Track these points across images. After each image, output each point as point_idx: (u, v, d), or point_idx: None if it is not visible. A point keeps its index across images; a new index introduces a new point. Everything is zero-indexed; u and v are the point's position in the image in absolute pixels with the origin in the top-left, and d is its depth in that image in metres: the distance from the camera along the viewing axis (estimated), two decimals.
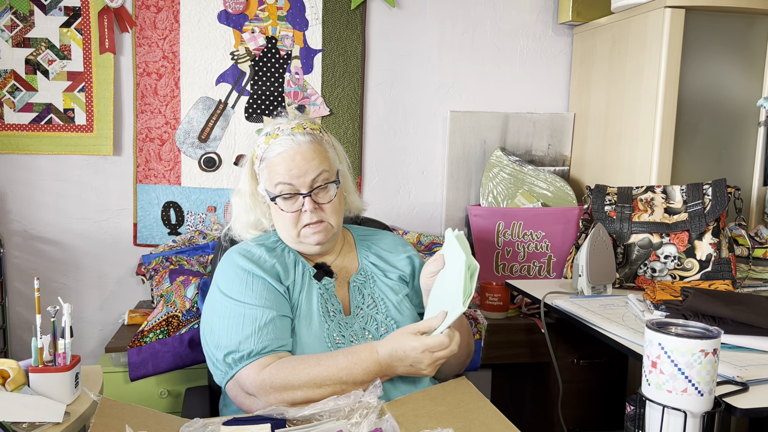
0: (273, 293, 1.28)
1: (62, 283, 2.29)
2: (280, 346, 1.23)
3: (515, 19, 2.46)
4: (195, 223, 2.33)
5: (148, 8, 2.21)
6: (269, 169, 1.32)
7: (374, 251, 1.46)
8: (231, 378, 1.23)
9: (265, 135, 1.36)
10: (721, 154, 2.08)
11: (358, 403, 1.07)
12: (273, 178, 1.31)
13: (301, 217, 1.32)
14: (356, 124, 2.37)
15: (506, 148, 2.46)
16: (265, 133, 1.36)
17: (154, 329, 1.79)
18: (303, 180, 1.30)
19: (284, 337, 1.25)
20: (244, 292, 1.27)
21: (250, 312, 1.24)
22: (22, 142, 2.20)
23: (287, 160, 1.30)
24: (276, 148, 1.31)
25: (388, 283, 1.41)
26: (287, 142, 1.31)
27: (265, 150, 1.33)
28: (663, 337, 0.96)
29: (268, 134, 1.35)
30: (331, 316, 1.31)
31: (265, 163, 1.33)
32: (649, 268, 1.80)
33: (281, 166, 1.30)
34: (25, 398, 1.13)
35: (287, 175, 1.29)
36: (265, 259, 1.33)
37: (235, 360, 1.21)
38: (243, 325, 1.23)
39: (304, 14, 2.30)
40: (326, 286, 1.35)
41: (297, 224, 1.32)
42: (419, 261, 1.47)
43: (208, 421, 1.02)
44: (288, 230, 1.34)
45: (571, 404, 1.96)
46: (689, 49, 1.99)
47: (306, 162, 1.30)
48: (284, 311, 1.28)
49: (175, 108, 2.27)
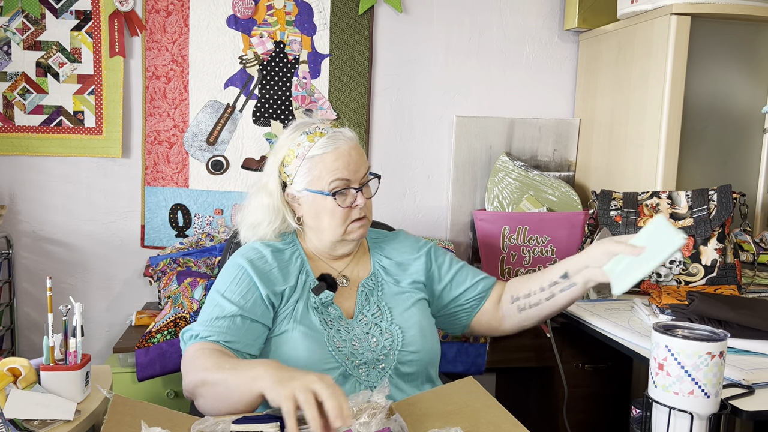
0: (253, 295, 1.29)
1: (70, 284, 2.31)
2: (228, 342, 1.23)
3: (521, 25, 2.48)
4: (202, 225, 2.34)
5: (157, 12, 2.23)
6: (321, 166, 1.31)
7: (387, 254, 1.46)
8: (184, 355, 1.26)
9: (305, 134, 1.34)
10: (726, 160, 2.09)
11: (366, 403, 1.08)
12: (326, 175, 1.31)
13: (351, 213, 1.33)
14: (363, 128, 2.39)
15: (512, 153, 2.47)
16: (304, 132, 1.35)
17: (162, 330, 1.81)
18: (357, 175, 1.33)
19: (237, 336, 1.24)
20: (227, 285, 1.30)
21: (221, 303, 1.27)
22: (32, 143, 2.22)
23: (344, 155, 1.31)
24: (328, 144, 1.31)
25: (398, 291, 1.40)
26: (340, 138, 1.33)
27: (309, 148, 1.32)
28: (670, 339, 0.97)
29: (308, 133, 1.34)
30: (329, 324, 1.31)
31: (312, 162, 1.32)
32: (654, 272, 1.80)
33: (339, 162, 1.31)
34: (36, 396, 1.14)
35: (346, 170, 1.31)
36: (267, 261, 1.33)
37: (187, 338, 1.25)
38: (210, 312, 1.27)
39: (312, 19, 2.32)
40: (322, 300, 1.33)
41: (346, 220, 1.33)
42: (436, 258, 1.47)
43: (219, 418, 1.03)
44: (336, 228, 1.34)
45: (576, 408, 1.97)
46: (695, 56, 2.00)
47: (360, 157, 1.34)
48: (255, 316, 1.27)
49: (184, 111, 2.29)
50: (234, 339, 1.24)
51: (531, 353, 2.03)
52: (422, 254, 1.46)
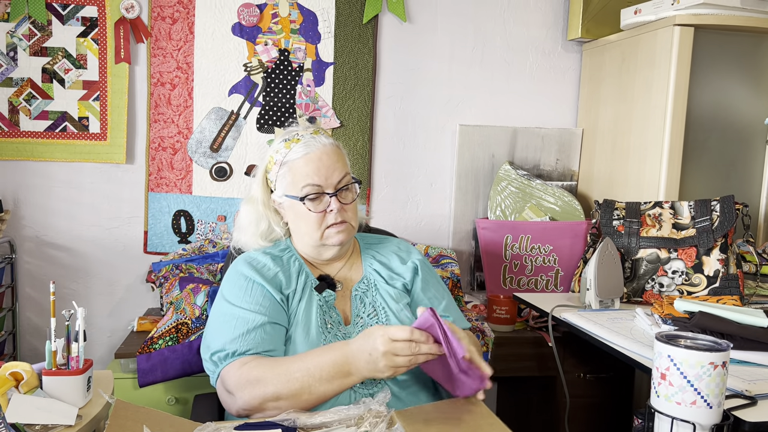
0: (270, 301, 1.30)
1: (72, 289, 2.31)
2: (267, 351, 1.24)
3: (525, 35, 2.49)
4: (205, 231, 2.34)
5: (163, 20, 2.25)
6: (293, 172, 1.34)
7: (379, 259, 1.46)
8: (218, 377, 1.25)
9: (283, 141, 1.38)
10: (729, 171, 2.09)
11: (368, 412, 1.08)
12: (299, 180, 1.33)
13: (326, 218, 1.34)
14: (366, 136, 2.40)
15: (515, 162, 2.47)
16: (283, 139, 1.38)
17: (164, 336, 1.80)
18: (330, 180, 1.33)
19: (273, 342, 1.26)
20: (242, 297, 1.30)
21: (243, 315, 1.27)
22: (36, 149, 2.23)
23: (314, 160, 1.33)
24: (300, 150, 1.34)
25: (391, 291, 1.41)
26: (312, 143, 1.35)
27: (286, 154, 1.35)
28: (672, 349, 0.97)
29: (287, 140, 1.37)
30: (329, 328, 1.32)
31: (287, 167, 1.35)
32: (656, 283, 1.80)
33: (308, 167, 1.33)
34: (38, 401, 1.14)
35: (315, 175, 1.32)
36: (269, 267, 1.35)
37: (220, 358, 1.24)
38: (234, 327, 1.26)
39: (316, 27, 2.34)
40: (326, 299, 1.35)
41: (321, 225, 1.34)
42: (422, 268, 1.46)
43: (220, 425, 1.03)
44: (312, 232, 1.35)
45: (578, 418, 1.96)
46: (698, 67, 2.00)
47: (332, 162, 1.34)
48: (278, 320, 1.29)
49: (188, 118, 2.30)
50: (271, 347, 1.25)
51: (533, 363, 2.03)
52: (410, 265, 1.46)
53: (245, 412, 1.20)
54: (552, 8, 2.49)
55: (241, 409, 1.19)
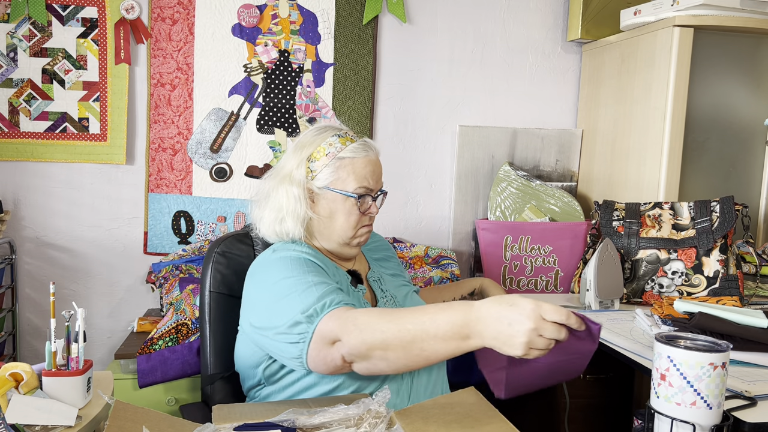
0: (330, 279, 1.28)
1: (72, 290, 2.31)
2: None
3: (525, 36, 2.49)
4: (205, 232, 2.34)
5: (163, 20, 2.25)
6: (350, 170, 1.35)
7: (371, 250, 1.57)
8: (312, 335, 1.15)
9: (337, 135, 1.38)
10: (728, 172, 2.10)
11: (367, 412, 1.08)
12: (356, 179, 1.36)
13: (362, 218, 1.38)
14: (366, 136, 2.39)
15: (514, 162, 2.47)
16: (336, 134, 1.38)
17: (164, 337, 1.81)
18: (377, 185, 1.40)
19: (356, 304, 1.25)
20: (306, 270, 1.25)
21: (316, 280, 1.22)
22: (36, 149, 2.23)
23: (372, 164, 1.39)
24: (359, 150, 1.37)
25: (393, 278, 1.53)
26: (371, 147, 1.40)
27: (341, 149, 1.36)
28: (672, 349, 0.97)
29: (340, 135, 1.38)
30: None
31: (341, 163, 1.35)
32: (656, 283, 1.80)
33: (367, 169, 1.37)
34: (37, 401, 1.14)
35: (371, 178, 1.37)
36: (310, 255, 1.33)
37: (316, 311, 1.16)
38: (315, 289, 1.20)
39: (316, 28, 2.34)
40: (360, 292, 1.39)
41: (357, 224, 1.38)
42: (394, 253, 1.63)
43: (220, 426, 1.03)
44: (348, 229, 1.37)
45: (578, 419, 1.96)
46: (697, 68, 2.01)
47: (380, 170, 1.42)
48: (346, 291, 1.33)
49: (188, 118, 2.30)
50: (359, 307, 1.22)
51: None
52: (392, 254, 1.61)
53: (350, 358, 1.13)
54: (552, 9, 2.49)
55: (347, 354, 1.12)
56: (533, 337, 0.97)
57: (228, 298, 1.48)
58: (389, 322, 1.08)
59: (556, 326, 0.98)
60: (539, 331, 0.97)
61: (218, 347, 1.47)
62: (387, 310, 1.13)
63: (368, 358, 1.11)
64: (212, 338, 1.47)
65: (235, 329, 1.41)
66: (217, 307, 1.48)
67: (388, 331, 1.07)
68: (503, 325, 0.99)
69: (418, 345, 1.06)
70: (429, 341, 1.06)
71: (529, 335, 0.97)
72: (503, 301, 1.01)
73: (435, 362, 1.09)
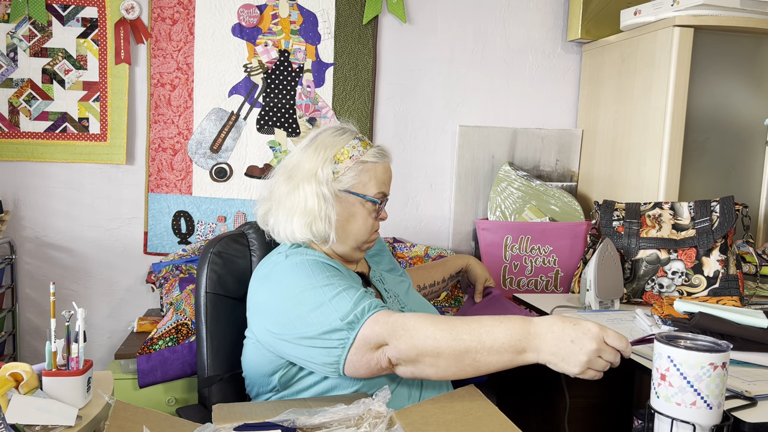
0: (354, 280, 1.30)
1: (72, 290, 2.31)
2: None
3: (525, 36, 2.49)
4: (205, 232, 2.34)
5: (163, 20, 2.25)
6: (371, 174, 1.36)
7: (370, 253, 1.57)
8: (352, 344, 1.14)
9: (358, 139, 1.37)
10: (728, 171, 2.10)
11: (367, 412, 1.08)
12: (376, 184, 1.36)
13: (375, 224, 1.40)
14: (366, 137, 2.39)
15: (514, 163, 2.47)
16: (356, 137, 1.37)
17: (164, 337, 1.81)
18: (389, 191, 1.42)
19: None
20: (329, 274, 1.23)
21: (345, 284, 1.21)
22: (36, 149, 2.23)
23: (388, 170, 1.40)
24: (379, 156, 1.37)
25: (391, 275, 1.53)
26: (387, 154, 1.40)
27: (363, 153, 1.35)
28: (672, 349, 0.97)
29: (360, 139, 1.38)
30: None
31: (363, 167, 1.35)
32: (656, 283, 1.80)
33: (385, 175, 1.38)
34: (37, 401, 1.14)
35: (387, 184, 1.39)
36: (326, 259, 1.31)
37: (356, 316, 1.14)
38: (346, 294, 1.18)
39: (316, 28, 2.34)
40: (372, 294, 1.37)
41: (372, 229, 1.39)
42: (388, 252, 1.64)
43: (220, 426, 1.03)
44: (364, 234, 1.38)
45: (578, 419, 1.96)
46: (698, 68, 2.01)
47: (392, 176, 1.43)
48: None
49: (188, 119, 2.30)
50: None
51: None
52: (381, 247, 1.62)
53: (397, 361, 1.13)
54: (552, 9, 2.49)
55: (395, 357, 1.12)
56: (593, 358, 1.04)
57: (224, 299, 1.46)
58: (443, 330, 1.10)
59: (614, 351, 1.05)
60: (600, 352, 1.04)
61: (215, 349, 1.45)
62: (438, 317, 1.14)
63: (417, 363, 1.12)
64: (209, 340, 1.44)
65: (232, 330, 1.40)
66: (213, 308, 1.45)
67: (442, 340, 1.09)
68: (565, 342, 1.04)
69: (472, 356, 1.09)
70: (483, 353, 1.08)
71: (591, 355, 1.03)
72: (566, 320, 1.06)
73: (484, 373, 1.11)
